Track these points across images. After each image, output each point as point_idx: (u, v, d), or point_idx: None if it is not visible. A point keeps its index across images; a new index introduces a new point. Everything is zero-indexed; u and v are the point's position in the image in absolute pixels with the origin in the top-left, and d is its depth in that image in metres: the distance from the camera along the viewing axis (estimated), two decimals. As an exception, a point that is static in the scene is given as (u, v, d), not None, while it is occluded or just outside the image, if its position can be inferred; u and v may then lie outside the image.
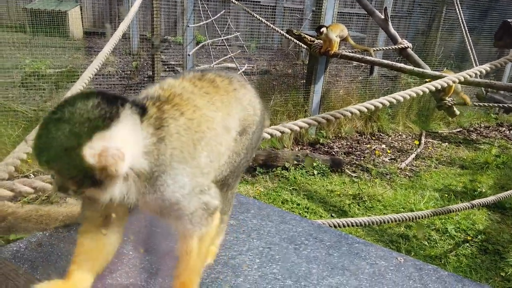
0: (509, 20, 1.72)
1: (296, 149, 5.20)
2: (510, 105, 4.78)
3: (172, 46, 7.97)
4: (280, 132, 1.76)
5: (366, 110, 1.99)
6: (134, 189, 0.83)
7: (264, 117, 1.18)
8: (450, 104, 3.88)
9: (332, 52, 4.50)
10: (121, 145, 0.76)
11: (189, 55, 6.41)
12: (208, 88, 1.00)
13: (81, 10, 7.65)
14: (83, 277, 0.89)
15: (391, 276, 1.10)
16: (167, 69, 6.48)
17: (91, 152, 0.74)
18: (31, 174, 3.74)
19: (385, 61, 4.01)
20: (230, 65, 7.72)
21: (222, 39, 7.20)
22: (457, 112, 4.25)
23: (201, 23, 6.81)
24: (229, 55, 7.28)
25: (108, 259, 0.94)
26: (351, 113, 2.24)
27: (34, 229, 1.15)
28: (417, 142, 5.57)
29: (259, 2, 8.85)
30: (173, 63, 7.23)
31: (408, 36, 8.14)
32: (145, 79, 6.39)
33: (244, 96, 1.08)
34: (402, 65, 3.90)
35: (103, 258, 0.93)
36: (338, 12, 5.70)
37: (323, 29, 4.42)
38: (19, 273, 0.80)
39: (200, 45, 7.14)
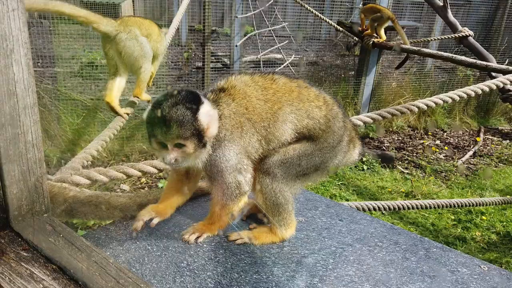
0: None
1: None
2: None
3: (220, 37, 8.03)
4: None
5: (441, 102, 1.88)
6: (203, 156, 1.11)
7: (349, 151, 1.28)
8: (517, 97, 3.60)
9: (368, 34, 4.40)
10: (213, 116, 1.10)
11: (236, 46, 6.43)
12: (266, 83, 1.17)
13: (133, 2, 7.87)
14: (169, 204, 1.26)
15: (476, 286, 1.03)
16: (214, 60, 6.53)
17: (202, 116, 1.06)
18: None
19: (444, 54, 3.78)
20: (277, 56, 7.66)
21: (269, 30, 7.15)
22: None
23: (249, 13, 6.79)
24: (276, 46, 7.22)
25: (186, 198, 1.30)
26: (418, 108, 2.13)
27: (93, 215, 1.20)
28: (479, 139, 5.26)
29: (307, -8, 8.68)
30: (220, 54, 7.28)
31: (467, 26, 7.66)
32: (193, 70, 6.49)
33: (318, 108, 1.17)
34: (463, 57, 3.66)
35: (182, 197, 1.29)
36: (393, 1, 5.48)
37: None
38: (109, 261, 0.82)
39: (248, 36, 7.13)
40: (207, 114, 1.06)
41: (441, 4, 4.47)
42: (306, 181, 1.22)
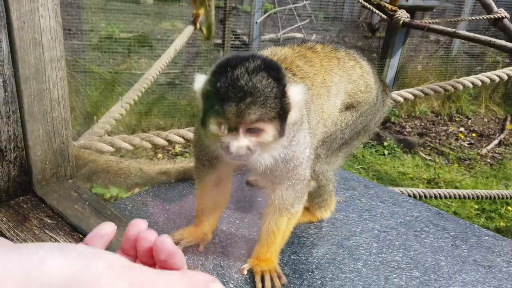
0: None
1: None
2: None
3: (240, 15, 7.85)
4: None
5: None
6: (270, 151, 0.82)
7: (384, 103, 1.14)
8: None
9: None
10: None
11: (256, 23, 6.26)
12: (307, 53, 0.99)
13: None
14: (209, 223, 0.99)
15: (536, 279, 0.93)
16: (233, 38, 6.38)
17: (293, 91, 0.78)
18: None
19: (482, 37, 3.56)
20: (298, 35, 7.47)
21: (290, 8, 6.95)
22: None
23: (273, -12, 6.59)
24: (296, 25, 7.03)
25: (224, 206, 1.03)
26: (454, 88, 2.00)
27: (112, 182, 1.12)
28: (510, 127, 5.07)
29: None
30: (239, 31, 7.12)
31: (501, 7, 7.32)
32: (212, 47, 6.35)
33: (353, 69, 1.03)
34: (503, 42, 3.43)
35: (220, 209, 1.02)
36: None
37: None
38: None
39: (268, 13, 6.95)
40: (297, 89, 0.79)
41: (476, -17, 4.23)
42: (349, 151, 1.10)
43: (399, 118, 5.16)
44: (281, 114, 0.76)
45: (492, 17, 4.14)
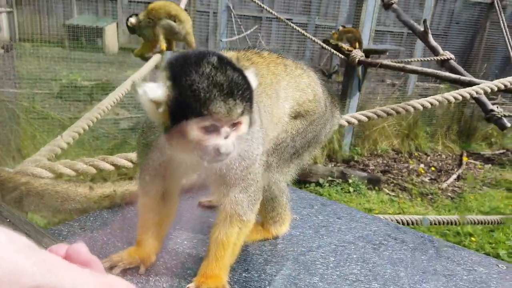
0: None
1: (330, 166, 5.00)
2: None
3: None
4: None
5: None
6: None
7: (333, 114, 1.14)
8: (500, 116, 3.60)
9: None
10: None
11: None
12: (254, 56, 0.98)
13: (117, 26, 7.84)
14: (152, 242, 0.90)
15: (496, 285, 0.90)
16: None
17: (253, 79, 0.75)
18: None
19: (429, 70, 3.80)
20: (260, 81, 7.66)
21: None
22: (508, 124, 3.96)
23: (234, 37, 6.84)
24: (260, 71, 7.24)
25: (170, 223, 0.94)
26: (406, 110, 2.06)
27: (48, 207, 1.01)
28: (466, 159, 5.27)
29: (291, 19, 8.88)
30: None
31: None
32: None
33: (301, 77, 1.03)
34: (446, 73, 3.68)
35: (165, 225, 0.93)
36: (375, 30, 5.59)
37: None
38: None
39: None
40: (252, 75, 0.76)
41: (422, 29, 4.56)
42: (300, 162, 1.06)
43: (362, 157, 5.26)
44: (252, 102, 0.74)
45: (440, 58, 4.45)
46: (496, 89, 2.60)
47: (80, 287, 0.38)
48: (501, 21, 5.26)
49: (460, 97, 2.33)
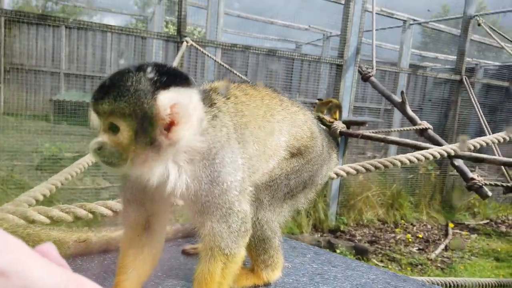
0: None
1: (316, 236, 4.88)
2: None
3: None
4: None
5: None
6: (189, 171, 0.75)
7: (330, 157, 1.15)
8: (481, 184, 3.67)
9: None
10: (191, 111, 0.72)
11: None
12: (249, 89, 0.98)
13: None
14: (132, 286, 0.83)
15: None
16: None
17: (164, 100, 0.70)
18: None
19: (409, 140, 3.93)
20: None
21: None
22: (489, 193, 4.01)
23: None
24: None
25: (153, 265, 0.87)
26: (385, 166, 2.08)
27: None
28: (452, 225, 5.24)
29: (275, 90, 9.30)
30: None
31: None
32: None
33: (297, 114, 1.03)
34: (425, 144, 3.81)
35: (148, 265, 0.85)
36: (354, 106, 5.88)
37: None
38: None
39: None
40: (178, 97, 0.70)
41: (400, 100, 4.82)
42: (294, 204, 1.02)
43: (348, 226, 5.18)
44: (146, 114, 0.69)
45: (418, 128, 4.65)
46: (473, 148, 2.68)
47: (48, 277, 0.33)
48: (472, 97, 5.63)
49: (445, 153, 2.38)
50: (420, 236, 5.18)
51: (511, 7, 6.55)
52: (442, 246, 4.84)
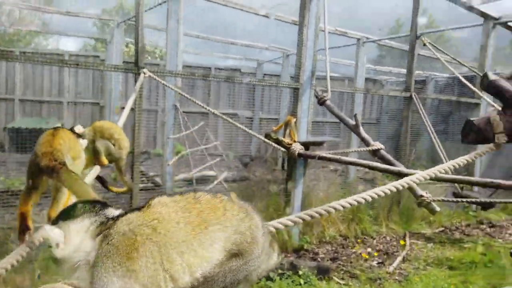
0: (471, 118, 1.86)
1: (280, 257, 4.98)
2: (486, 200, 4.90)
3: (151, 158, 8.09)
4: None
5: (349, 205, 1.96)
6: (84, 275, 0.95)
7: (270, 257, 1.27)
8: (428, 201, 3.92)
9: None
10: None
11: (168, 165, 6.48)
12: (189, 204, 1.09)
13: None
14: None
15: None
16: (145, 181, 6.47)
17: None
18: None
19: (362, 161, 4.14)
20: (210, 172, 7.80)
21: (202, 149, 7.41)
22: (437, 209, 4.28)
23: (181, 134, 7.06)
24: (208, 164, 7.42)
25: None
26: (335, 209, 2.20)
27: None
28: (402, 243, 5.47)
29: (236, 114, 9.43)
30: (152, 173, 7.26)
31: (379, 141, 8.62)
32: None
33: (242, 221, 1.14)
34: (377, 164, 4.03)
35: None
36: (312, 122, 6.08)
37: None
38: None
39: (180, 155, 7.29)
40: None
41: (354, 123, 5.05)
42: None
43: (311, 245, 5.32)
44: None
45: (371, 149, 4.88)
46: (428, 178, 2.87)
47: None
48: (421, 112, 5.95)
49: (401, 187, 2.55)
50: (379, 249, 5.40)
51: (457, 23, 6.99)
52: (399, 258, 5.06)
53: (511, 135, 1.67)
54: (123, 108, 3.81)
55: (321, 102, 5.12)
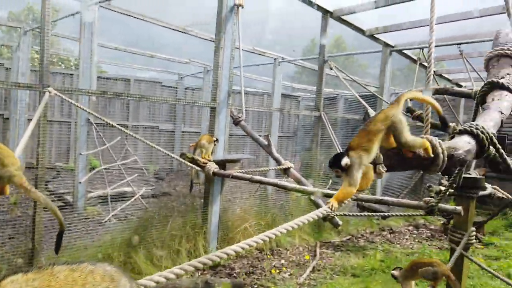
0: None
1: (197, 274, 5.04)
2: (385, 213, 5.45)
3: (60, 175, 7.63)
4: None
5: (261, 241, 2.09)
6: None
7: None
8: (332, 216, 4.28)
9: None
10: None
11: (80, 182, 6.21)
12: (43, 282, 1.02)
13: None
14: None
15: None
16: (55, 199, 6.11)
17: None
18: None
19: (271, 180, 4.39)
20: (127, 189, 7.59)
21: (119, 164, 7.18)
22: (340, 223, 4.69)
23: (95, 150, 6.79)
24: (125, 180, 7.21)
25: None
26: (249, 245, 2.34)
27: None
28: (307, 257, 5.82)
29: (157, 127, 9.29)
30: (62, 191, 6.86)
31: (297, 153, 9.09)
32: (24, 213, 5.87)
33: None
34: (285, 183, 4.30)
35: None
36: (229, 135, 6.25)
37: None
38: None
39: (94, 171, 7.00)
40: None
41: (266, 143, 5.31)
42: None
43: (228, 260, 5.45)
44: None
45: (282, 167, 5.17)
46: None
47: None
48: (329, 131, 6.43)
49: (316, 217, 2.76)
50: (292, 260, 5.71)
51: (363, 48, 7.67)
52: (309, 269, 5.40)
53: (389, 166, 1.93)
54: (30, 120, 3.72)
55: (236, 122, 5.31)
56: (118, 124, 8.94)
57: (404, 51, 7.16)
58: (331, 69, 6.15)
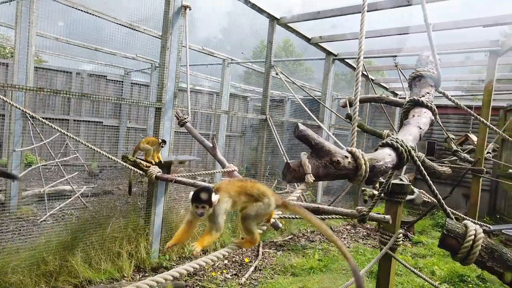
0: (289, 161, 2.22)
1: (138, 277, 4.98)
2: (322, 216, 5.70)
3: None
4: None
5: (192, 269, 2.14)
6: None
7: None
8: (274, 219, 4.42)
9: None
10: None
11: (13, 181, 5.88)
12: None
13: None
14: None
15: None
16: (-15, 199, 5.70)
17: None
18: None
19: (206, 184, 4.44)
20: (66, 187, 7.30)
21: (57, 162, 6.87)
22: (280, 225, 4.82)
23: (32, 146, 6.46)
24: (65, 178, 6.92)
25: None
26: (179, 273, 2.37)
27: None
28: (247, 260, 5.95)
29: (101, 122, 8.95)
30: (-6, 190, 6.44)
31: (245, 153, 9.19)
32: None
33: None
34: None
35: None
36: (175, 132, 6.20)
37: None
38: None
39: (30, 168, 6.66)
40: None
41: (211, 145, 5.34)
42: None
43: (171, 262, 5.43)
44: None
45: (226, 170, 5.22)
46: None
47: None
48: (274, 134, 6.59)
49: (227, 253, 2.83)
50: (235, 260, 5.80)
51: (311, 53, 7.92)
52: (251, 269, 5.53)
53: (316, 175, 2.05)
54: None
55: (181, 123, 5.28)
56: (58, 119, 8.52)
57: (346, 60, 7.50)
58: (277, 74, 6.30)
